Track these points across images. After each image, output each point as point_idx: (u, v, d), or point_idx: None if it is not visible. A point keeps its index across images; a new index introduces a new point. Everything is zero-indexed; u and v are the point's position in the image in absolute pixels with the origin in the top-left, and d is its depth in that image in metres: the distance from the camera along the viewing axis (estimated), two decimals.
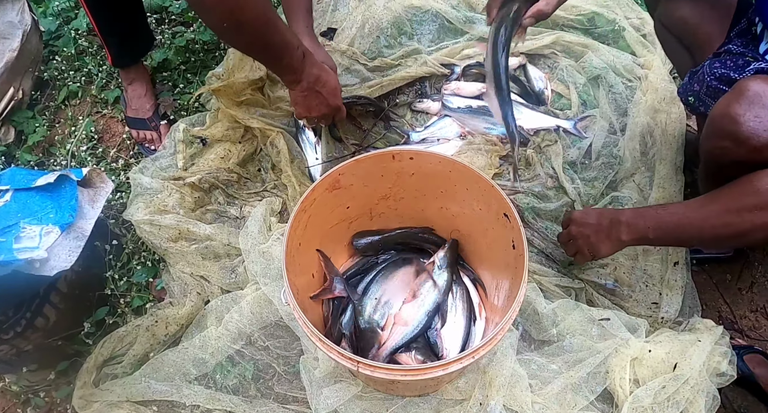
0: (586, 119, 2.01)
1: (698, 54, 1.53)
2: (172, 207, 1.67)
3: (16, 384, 1.60)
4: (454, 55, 2.13)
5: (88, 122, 2.12)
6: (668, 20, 1.59)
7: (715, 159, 1.30)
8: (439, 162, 1.24)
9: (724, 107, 1.19)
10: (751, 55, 1.37)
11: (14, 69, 2.09)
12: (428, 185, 1.34)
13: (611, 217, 1.38)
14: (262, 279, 1.50)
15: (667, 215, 1.30)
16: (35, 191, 1.50)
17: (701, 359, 1.38)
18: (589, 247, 1.39)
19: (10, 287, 1.27)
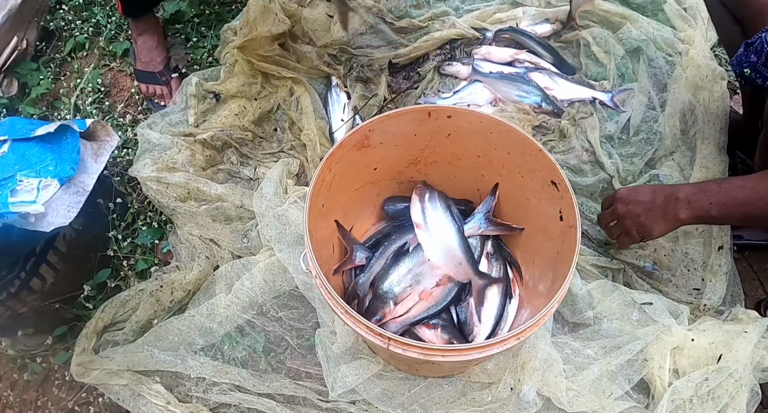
0: (625, 92, 1.90)
1: (751, 27, 1.43)
2: (181, 165, 1.57)
3: (12, 349, 1.52)
4: (486, 19, 2.03)
5: (95, 74, 2.02)
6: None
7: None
8: (480, 122, 1.12)
9: None
10: None
11: (18, 18, 2.01)
12: (465, 149, 1.22)
13: (667, 193, 1.27)
14: (276, 245, 1.40)
15: (733, 188, 1.22)
16: (35, 141, 1.41)
17: (747, 352, 1.28)
18: (639, 227, 1.28)
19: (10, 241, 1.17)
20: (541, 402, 1.23)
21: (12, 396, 1.50)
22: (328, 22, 1.94)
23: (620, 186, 1.65)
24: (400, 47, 1.91)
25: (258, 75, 1.78)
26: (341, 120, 1.71)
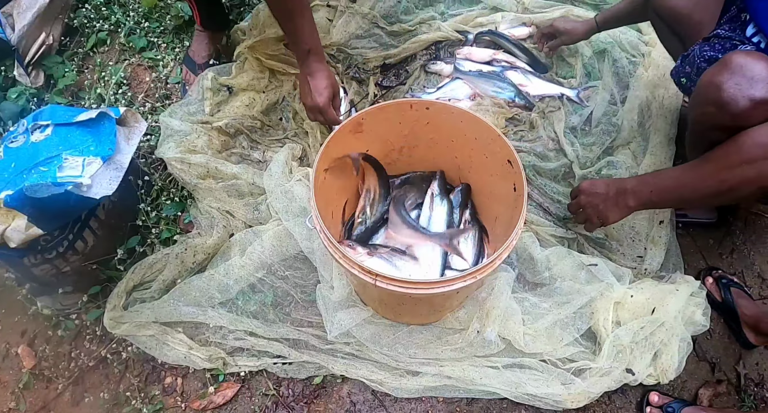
0: (589, 89, 2.13)
1: (689, 41, 1.63)
2: (200, 148, 1.80)
3: (47, 308, 1.71)
4: (468, 23, 2.25)
5: (118, 67, 2.22)
6: (660, 9, 1.69)
7: (701, 125, 1.41)
8: (452, 112, 1.37)
9: (710, 77, 1.30)
10: (739, 39, 1.48)
11: (46, 15, 2.20)
12: (441, 134, 1.47)
13: (617, 186, 1.49)
14: (283, 215, 1.64)
15: (667, 178, 1.42)
16: (76, 126, 1.62)
17: (677, 306, 1.53)
18: (599, 215, 1.51)
19: (62, 205, 1.41)
20: (504, 344, 1.48)
21: (48, 350, 1.69)
22: (328, 26, 2.16)
23: (579, 170, 1.89)
24: (391, 48, 2.14)
25: (265, 71, 2.01)
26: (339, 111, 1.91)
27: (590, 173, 1.89)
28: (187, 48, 2.19)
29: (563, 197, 1.84)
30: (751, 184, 1.23)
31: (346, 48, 2.11)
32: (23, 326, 1.75)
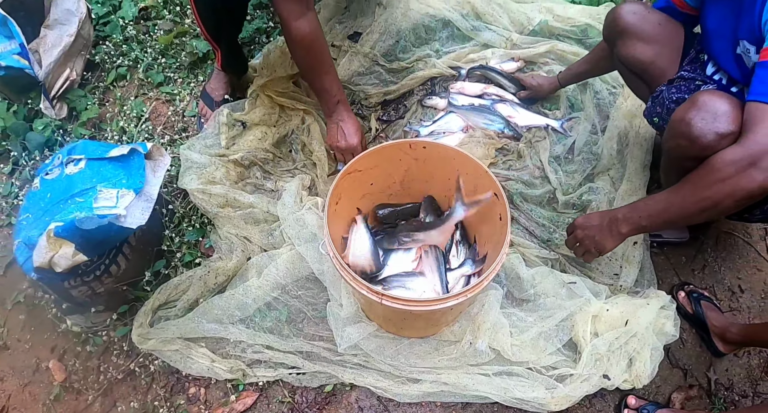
0: (572, 120, 2.31)
1: (654, 85, 1.80)
2: (219, 179, 1.98)
3: (77, 326, 1.88)
4: (461, 59, 2.45)
5: (139, 102, 2.40)
6: (626, 60, 1.86)
7: (674, 156, 1.58)
8: (445, 150, 1.57)
9: (681, 115, 1.48)
10: (701, 79, 1.68)
11: (70, 52, 2.39)
12: (436, 169, 1.67)
13: (609, 216, 1.63)
14: (296, 241, 1.83)
15: (654, 203, 1.55)
16: (107, 160, 1.81)
17: (648, 318, 1.71)
18: (596, 245, 1.65)
19: (104, 235, 1.60)
20: (494, 354, 1.67)
21: (77, 364, 1.85)
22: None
23: (562, 196, 2.07)
24: (390, 85, 2.34)
25: (276, 107, 2.19)
26: None
27: (572, 198, 2.07)
28: (204, 84, 2.38)
29: (547, 221, 2.02)
30: (728, 198, 1.37)
31: (349, 85, 2.31)
32: (53, 342, 1.92)
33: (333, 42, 2.39)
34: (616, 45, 1.89)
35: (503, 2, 2.59)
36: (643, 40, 1.81)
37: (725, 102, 1.41)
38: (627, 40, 1.84)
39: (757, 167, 1.29)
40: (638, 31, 1.81)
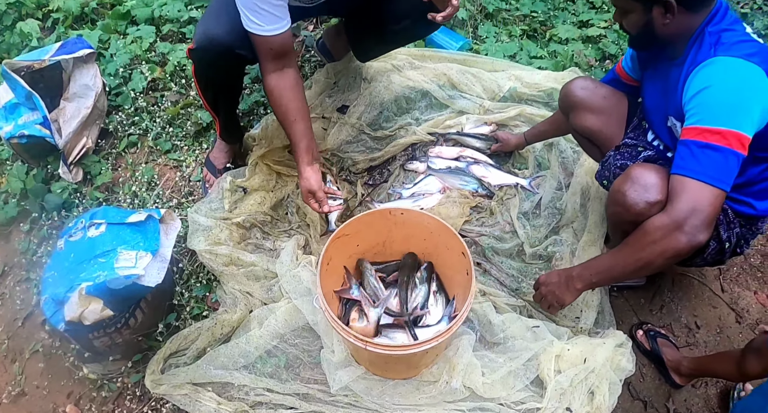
0: (540, 178, 2.56)
1: (605, 149, 2.08)
2: (224, 240, 2.22)
3: (94, 373, 2.07)
4: (438, 126, 2.72)
5: (149, 167, 2.64)
6: (577, 127, 2.15)
7: (615, 220, 1.86)
8: (420, 217, 1.85)
9: (617, 186, 1.75)
10: (642, 145, 1.94)
11: (87, 123, 2.63)
12: (413, 232, 1.94)
13: (566, 274, 1.85)
14: (292, 295, 2.06)
15: (600, 263, 1.80)
16: (126, 225, 2.05)
17: (605, 355, 1.92)
18: (557, 300, 1.89)
19: (128, 293, 1.84)
20: (468, 392, 1.88)
21: (93, 408, 2.03)
22: (323, 134, 2.63)
23: (529, 249, 2.30)
24: (375, 152, 2.61)
25: (273, 174, 2.46)
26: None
27: (539, 250, 2.31)
28: (208, 152, 2.63)
29: (516, 272, 2.26)
30: (660, 257, 1.61)
31: (338, 152, 2.59)
32: (69, 388, 2.10)
33: (323, 114, 2.67)
34: (569, 116, 2.17)
35: (476, 72, 2.88)
36: (591, 111, 2.09)
37: (654, 175, 1.68)
38: (578, 112, 2.12)
39: (681, 231, 1.54)
40: (587, 104, 2.09)
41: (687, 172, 1.56)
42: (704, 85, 1.56)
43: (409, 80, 2.78)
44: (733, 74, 1.54)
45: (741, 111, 1.52)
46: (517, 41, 3.35)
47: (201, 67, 2.15)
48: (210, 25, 2.02)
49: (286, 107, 2.06)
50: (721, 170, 1.53)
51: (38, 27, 3.25)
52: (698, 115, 1.56)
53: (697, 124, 1.56)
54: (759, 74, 1.53)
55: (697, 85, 1.58)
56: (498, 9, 3.53)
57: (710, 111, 1.54)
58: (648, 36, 1.73)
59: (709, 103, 1.55)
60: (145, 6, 3.28)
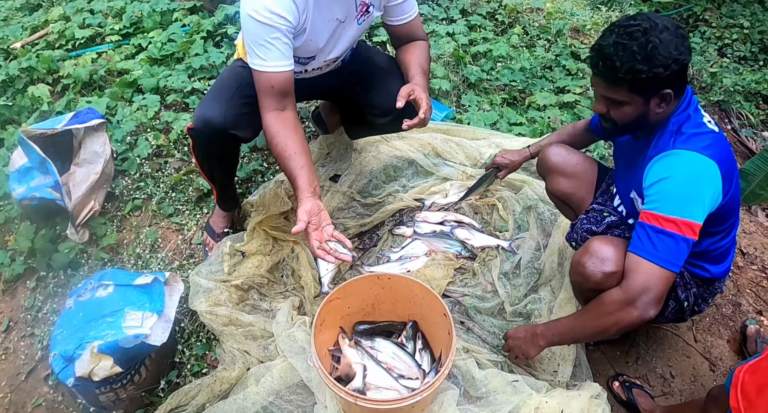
0: (519, 240, 2.73)
1: (578, 211, 2.29)
2: (223, 301, 2.36)
3: None
4: (424, 192, 2.91)
5: (152, 230, 2.80)
6: (552, 190, 2.37)
7: (577, 287, 2.05)
8: (406, 281, 2.03)
9: (578, 257, 1.93)
10: (608, 210, 2.13)
11: (95, 187, 2.78)
12: (400, 295, 2.11)
13: (531, 331, 2.03)
14: (288, 353, 2.19)
15: (561, 325, 1.97)
16: (133, 286, 2.20)
17: (580, 406, 2.03)
18: (522, 352, 2.07)
19: (136, 351, 1.99)
20: None
21: None
22: None
23: (509, 307, 2.45)
24: (365, 218, 2.78)
25: (270, 238, 2.62)
26: (327, 270, 2.48)
27: (519, 308, 2.45)
28: (208, 217, 2.80)
29: (498, 329, 2.40)
30: (614, 327, 1.80)
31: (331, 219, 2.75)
32: None
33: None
34: (545, 179, 2.38)
35: (459, 141, 3.10)
36: (564, 175, 2.31)
37: (610, 249, 1.86)
38: (553, 176, 2.34)
39: (634, 306, 1.73)
40: (561, 169, 2.31)
41: (642, 253, 1.75)
42: (663, 175, 1.74)
43: (397, 150, 2.99)
44: (688, 168, 1.71)
45: (694, 202, 1.71)
46: (498, 109, 3.60)
47: (198, 144, 2.34)
48: (206, 108, 2.22)
49: (285, 143, 2.02)
50: (672, 254, 1.71)
51: (48, 92, 3.46)
52: (656, 202, 1.74)
53: (654, 210, 1.74)
54: (712, 168, 1.72)
55: (657, 175, 1.75)
56: (480, 79, 3.79)
57: (667, 200, 1.72)
58: (637, 125, 1.85)
59: (666, 192, 1.73)
60: (151, 76, 3.52)
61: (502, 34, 4.47)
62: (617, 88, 1.74)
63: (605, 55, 1.68)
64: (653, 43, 1.63)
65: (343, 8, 2.16)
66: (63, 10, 4.28)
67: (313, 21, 2.09)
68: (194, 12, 4.04)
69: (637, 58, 1.64)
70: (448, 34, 4.17)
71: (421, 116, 2.11)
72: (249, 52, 2.04)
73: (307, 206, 1.93)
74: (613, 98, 1.77)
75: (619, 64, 1.66)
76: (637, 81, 1.68)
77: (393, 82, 2.31)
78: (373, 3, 2.23)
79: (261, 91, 2.06)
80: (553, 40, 4.51)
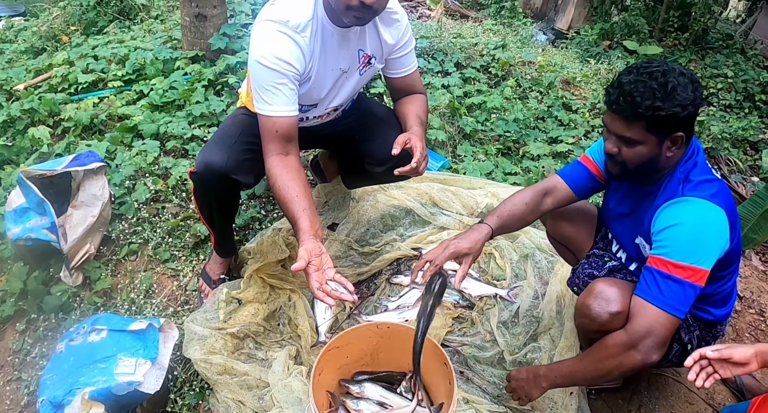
0: (517, 288, 2.73)
1: (578, 254, 2.32)
2: (218, 349, 2.33)
3: None
4: (422, 241, 2.92)
5: (147, 275, 2.76)
6: (553, 233, 2.40)
7: (582, 330, 2.05)
8: (405, 330, 2.00)
9: (582, 300, 1.95)
10: (608, 256, 2.16)
11: (91, 230, 2.74)
12: (398, 344, 2.08)
13: (534, 372, 2.00)
14: (284, 403, 2.14)
15: (564, 367, 1.94)
16: (127, 332, 2.18)
17: None
18: (525, 394, 2.04)
19: (129, 399, 1.95)
20: None
21: None
22: None
23: (509, 356, 2.42)
24: (363, 266, 2.78)
25: (267, 286, 2.59)
26: (324, 319, 2.49)
27: (518, 357, 2.43)
28: (204, 263, 2.78)
29: (497, 379, 2.37)
30: (616, 369, 1.80)
31: None
32: None
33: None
34: (545, 223, 2.42)
35: (455, 191, 3.14)
36: (565, 219, 2.34)
37: (614, 289, 1.88)
38: (554, 220, 2.37)
39: (637, 350, 1.73)
40: (561, 213, 2.33)
41: (649, 297, 1.76)
42: (673, 221, 1.75)
43: (394, 199, 3.02)
44: (698, 215, 1.74)
45: (703, 249, 1.73)
46: (493, 159, 3.66)
47: (199, 188, 2.36)
48: (209, 153, 2.25)
49: (287, 186, 2.00)
50: (679, 300, 1.73)
51: (49, 134, 3.46)
52: (666, 248, 1.76)
53: (663, 256, 1.76)
54: (720, 215, 1.75)
55: (666, 221, 1.77)
56: (475, 130, 3.86)
57: (676, 247, 1.74)
58: (646, 169, 1.84)
59: (676, 239, 1.75)
60: (152, 122, 3.54)
61: (496, 86, 4.59)
62: (634, 126, 1.74)
63: (626, 91, 1.70)
64: (672, 84, 1.66)
65: (347, 59, 2.23)
66: (67, 55, 4.35)
67: (318, 70, 2.15)
68: (196, 61, 4.10)
69: (657, 96, 1.66)
70: (444, 87, 4.27)
71: (413, 164, 2.13)
72: (255, 98, 2.08)
73: (309, 246, 1.89)
74: (628, 137, 1.76)
75: (640, 99, 1.67)
76: (655, 119, 1.69)
77: (390, 133, 2.34)
78: (375, 55, 2.30)
79: (265, 135, 2.08)
80: (545, 91, 4.63)
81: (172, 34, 4.50)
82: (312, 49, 2.09)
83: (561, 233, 2.37)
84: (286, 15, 2.00)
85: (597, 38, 7.39)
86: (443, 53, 4.80)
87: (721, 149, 4.26)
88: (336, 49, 2.16)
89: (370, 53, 2.28)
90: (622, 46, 7.08)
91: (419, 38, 4.90)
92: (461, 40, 5.18)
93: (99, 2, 5.17)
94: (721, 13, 9.24)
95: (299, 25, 2.01)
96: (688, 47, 7.27)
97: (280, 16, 1.99)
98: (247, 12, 4.65)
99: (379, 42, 2.27)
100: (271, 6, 2.05)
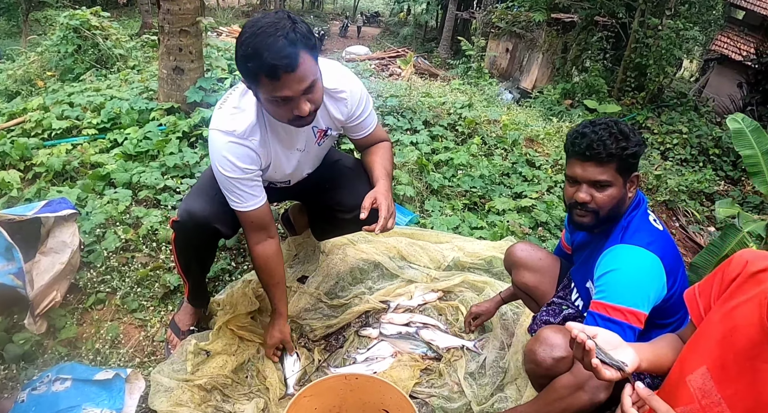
0: (484, 340, 2.78)
1: (541, 303, 2.40)
2: (185, 401, 2.30)
3: None
4: (390, 294, 2.97)
5: (114, 325, 2.74)
6: (517, 283, 2.49)
7: (531, 375, 2.11)
8: (373, 381, 2.05)
9: (529, 345, 2.02)
10: (566, 304, 2.25)
11: (59, 277, 2.70)
12: (368, 395, 2.11)
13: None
14: None
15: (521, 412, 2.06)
16: (92, 382, 2.16)
17: None
18: None
19: None
20: None
21: None
22: None
23: (476, 407, 2.43)
24: (332, 319, 2.81)
25: (236, 338, 2.60)
26: (292, 371, 2.50)
27: (485, 407, 2.45)
28: (173, 314, 2.78)
29: None
30: (565, 411, 1.87)
31: (297, 319, 2.78)
32: None
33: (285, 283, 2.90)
34: (512, 273, 2.52)
35: (423, 244, 3.23)
36: (528, 270, 2.45)
37: (559, 336, 1.96)
38: (518, 270, 2.48)
39: (583, 390, 1.83)
40: (526, 264, 2.46)
41: None
42: (610, 267, 1.90)
43: (363, 253, 3.08)
44: (633, 261, 1.89)
45: (639, 293, 1.85)
46: (459, 214, 3.77)
47: (180, 237, 2.42)
48: (191, 202, 2.34)
49: (271, 272, 2.39)
50: None
51: (19, 178, 3.44)
52: (604, 292, 1.89)
53: (602, 300, 1.88)
54: (655, 261, 1.88)
55: (605, 267, 1.92)
56: (442, 186, 3.99)
57: (614, 291, 1.87)
58: (613, 213, 1.96)
59: (613, 283, 1.89)
60: (125, 171, 3.54)
61: (462, 143, 4.76)
62: (607, 168, 1.89)
63: (594, 138, 1.86)
64: (625, 130, 1.88)
65: (303, 140, 2.33)
66: (43, 100, 4.37)
67: (276, 158, 2.28)
68: (171, 113, 4.17)
69: (620, 138, 1.86)
70: (412, 144, 4.42)
71: (380, 223, 2.21)
72: (225, 195, 2.22)
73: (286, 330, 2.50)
74: (601, 180, 1.90)
75: (609, 142, 1.85)
76: (624, 158, 1.87)
77: (359, 182, 2.49)
78: (330, 126, 2.38)
79: (244, 226, 2.31)
80: (509, 149, 4.81)
81: (148, 85, 4.58)
82: (265, 147, 2.19)
83: (525, 283, 2.47)
84: (232, 125, 2.08)
85: (559, 97, 7.74)
86: (412, 111, 4.98)
87: (679, 201, 4.46)
88: (289, 136, 2.27)
89: (324, 127, 2.36)
90: (583, 104, 7.44)
91: (389, 97, 5.08)
92: (429, 100, 5.39)
93: (77, 50, 5.25)
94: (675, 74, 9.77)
95: (245, 132, 2.10)
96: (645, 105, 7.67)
97: (227, 126, 2.09)
98: (223, 67, 4.77)
99: (330, 118, 2.34)
100: (219, 111, 2.12)
